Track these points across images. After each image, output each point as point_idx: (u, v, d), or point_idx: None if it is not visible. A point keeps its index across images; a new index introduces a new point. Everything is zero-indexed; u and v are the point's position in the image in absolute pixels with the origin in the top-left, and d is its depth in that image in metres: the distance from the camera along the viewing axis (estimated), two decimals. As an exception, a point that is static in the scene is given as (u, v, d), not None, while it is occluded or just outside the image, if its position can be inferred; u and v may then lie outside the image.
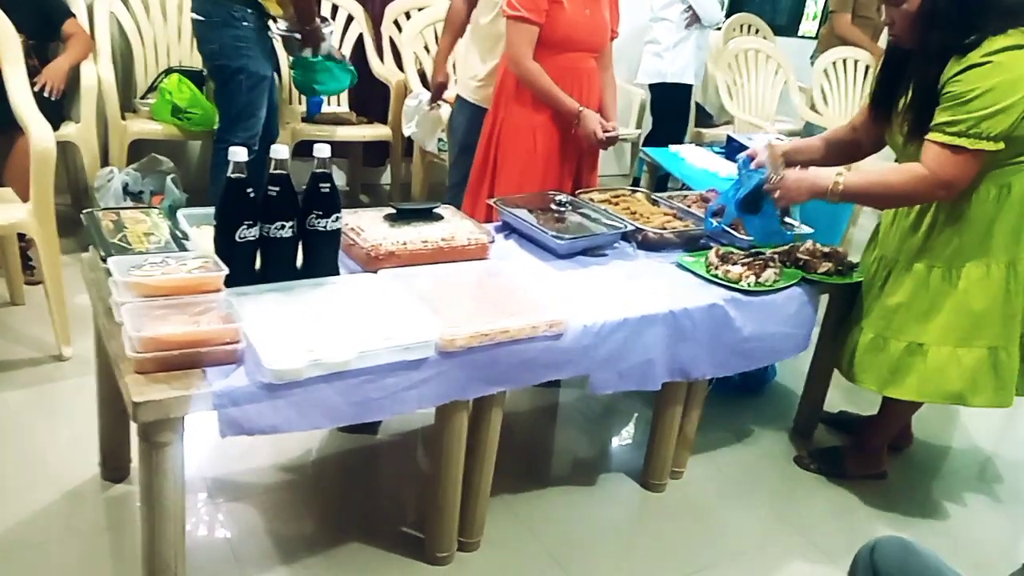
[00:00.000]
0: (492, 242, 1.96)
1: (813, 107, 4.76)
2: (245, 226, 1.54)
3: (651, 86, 4.54)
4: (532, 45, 2.44)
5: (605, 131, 2.48)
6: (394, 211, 1.98)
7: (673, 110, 4.62)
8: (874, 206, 2.17)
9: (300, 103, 3.98)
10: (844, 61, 4.76)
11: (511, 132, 2.56)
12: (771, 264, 2.08)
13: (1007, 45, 1.72)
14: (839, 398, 2.73)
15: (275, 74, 3.20)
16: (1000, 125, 1.74)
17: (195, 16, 2.93)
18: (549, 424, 2.55)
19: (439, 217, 2.01)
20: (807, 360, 2.50)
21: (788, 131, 4.74)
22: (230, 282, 1.52)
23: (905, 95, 1.93)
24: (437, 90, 3.29)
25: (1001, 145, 1.77)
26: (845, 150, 2.20)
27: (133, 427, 1.39)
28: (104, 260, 1.56)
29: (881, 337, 2.09)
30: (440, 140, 3.82)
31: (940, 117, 1.79)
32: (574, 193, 2.43)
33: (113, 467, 1.97)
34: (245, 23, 2.87)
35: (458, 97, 2.88)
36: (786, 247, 2.24)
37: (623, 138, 2.63)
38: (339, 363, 1.43)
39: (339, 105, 4.13)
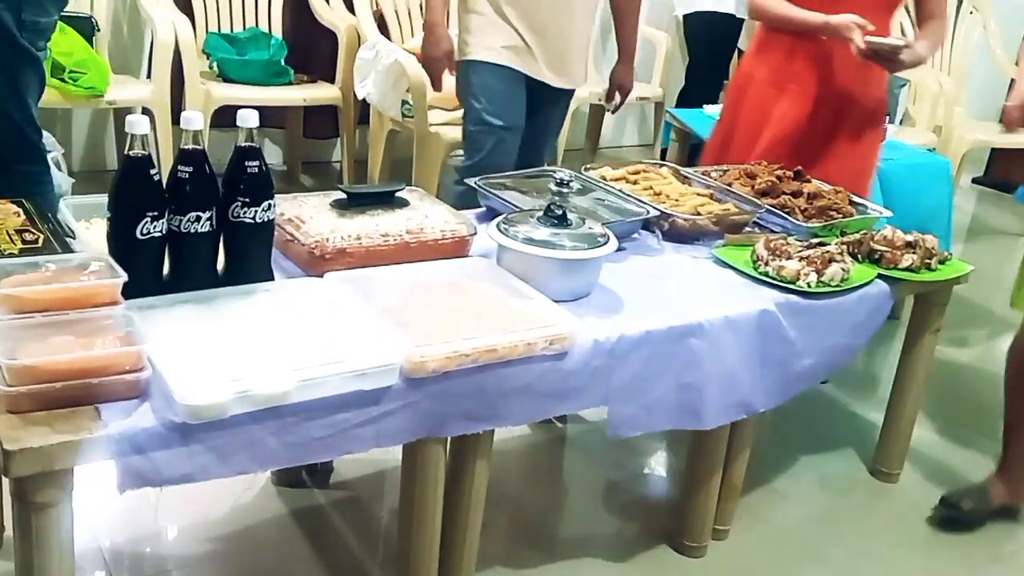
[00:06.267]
0: (474, 235, 1.97)
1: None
2: (149, 219, 1.54)
3: (686, 19, 4.57)
4: None
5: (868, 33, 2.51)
6: (345, 196, 1.99)
7: (713, 55, 4.64)
8: None
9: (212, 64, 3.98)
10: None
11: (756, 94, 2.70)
12: (837, 258, 2.10)
13: None
14: (927, 429, 2.75)
15: None
16: None
17: None
18: (552, 469, 2.55)
19: (404, 203, 2.02)
20: (878, 374, 2.51)
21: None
22: (130, 292, 1.51)
23: None
24: (436, 63, 2.77)
25: None
26: None
27: (6, 483, 1.39)
28: (-36, 266, 1.55)
29: None
30: (405, 103, 3.84)
31: None
32: (583, 169, 2.45)
33: (-20, 538, 1.97)
34: None
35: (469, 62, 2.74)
36: (856, 236, 2.26)
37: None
38: (274, 396, 1.44)
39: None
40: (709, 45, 4.64)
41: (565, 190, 1.94)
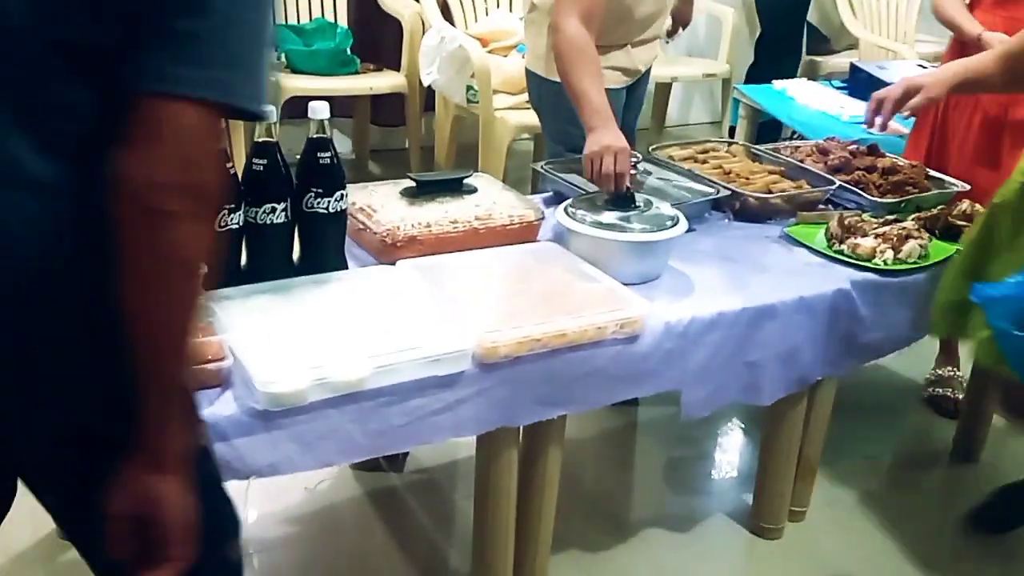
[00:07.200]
0: (542, 220, 1.98)
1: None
2: (225, 211, 1.56)
3: None
4: None
5: None
6: (414, 184, 2.01)
7: (783, 31, 4.60)
8: None
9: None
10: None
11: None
12: (914, 234, 2.06)
13: None
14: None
15: None
16: None
17: None
18: (625, 450, 2.55)
19: (472, 189, 2.03)
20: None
21: (934, 55, 4.65)
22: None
23: None
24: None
25: None
26: None
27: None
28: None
29: None
30: (470, 89, 3.85)
31: None
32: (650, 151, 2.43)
33: (72, 523, 2.04)
34: None
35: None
36: (933, 211, 2.21)
37: None
38: (352, 382, 1.46)
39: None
40: (780, 21, 4.61)
41: (632, 171, 1.94)
